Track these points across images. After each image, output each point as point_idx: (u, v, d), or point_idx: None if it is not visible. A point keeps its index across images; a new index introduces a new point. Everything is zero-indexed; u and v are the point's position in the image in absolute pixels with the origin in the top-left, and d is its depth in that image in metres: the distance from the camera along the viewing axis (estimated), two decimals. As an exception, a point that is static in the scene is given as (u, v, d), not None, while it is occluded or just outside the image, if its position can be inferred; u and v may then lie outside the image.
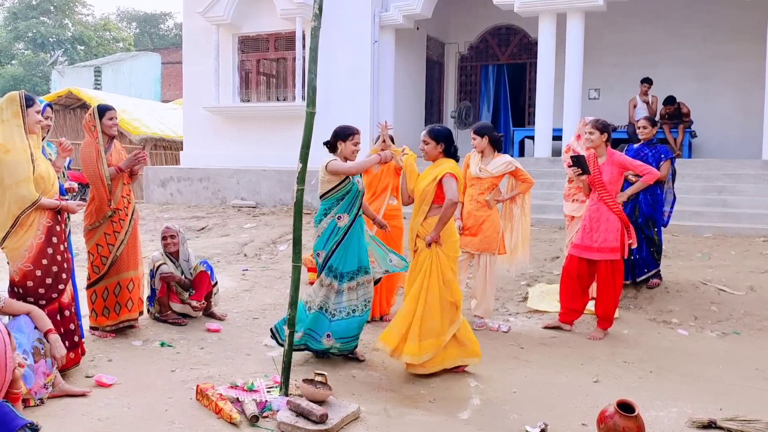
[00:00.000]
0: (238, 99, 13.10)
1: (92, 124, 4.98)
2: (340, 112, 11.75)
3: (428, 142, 4.53)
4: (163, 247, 5.65)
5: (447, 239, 4.43)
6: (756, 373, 4.65)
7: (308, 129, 3.85)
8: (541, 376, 4.50)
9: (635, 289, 6.37)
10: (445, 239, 4.42)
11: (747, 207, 8.95)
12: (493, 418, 3.78)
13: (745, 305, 5.94)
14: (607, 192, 5.37)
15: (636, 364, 4.82)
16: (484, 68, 14.82)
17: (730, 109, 12.35)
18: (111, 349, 4.81)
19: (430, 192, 4.43)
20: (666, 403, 3.99)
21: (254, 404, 3.65)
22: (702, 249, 7.51)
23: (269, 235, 9.29)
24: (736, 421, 3.64)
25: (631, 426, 3.29)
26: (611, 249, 5.33)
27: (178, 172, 13.08)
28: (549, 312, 6.06)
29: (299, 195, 3.91)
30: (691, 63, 12.47)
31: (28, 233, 3.99)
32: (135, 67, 28.05)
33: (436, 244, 4.38)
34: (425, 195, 4.46)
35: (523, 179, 5.63)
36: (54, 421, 3.47)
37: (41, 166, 4.07)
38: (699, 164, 10.45)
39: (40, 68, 34.66)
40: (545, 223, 8.96)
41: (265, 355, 4.77)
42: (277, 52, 12.87)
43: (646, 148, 6.34)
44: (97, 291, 5.03)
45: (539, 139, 11.20)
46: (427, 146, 4.53)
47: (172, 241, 5.64)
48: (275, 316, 5.78)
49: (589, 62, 11.52)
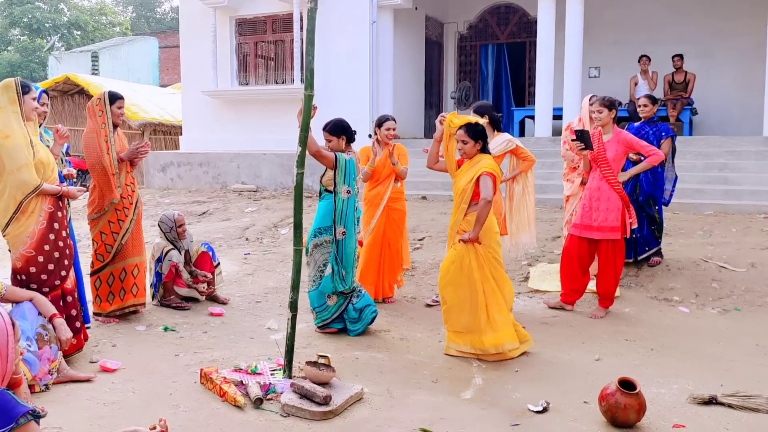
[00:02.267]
0: (236, 82, 13.04)
1: (100, 109, 4.93)
2: (339, 94, 11.71)
3: (467, 142, 4.49)
4: (177, 234, 5.65)
5: (486, 234, 4.45)
6: (756, 349, 4.67)
7: (307, 112, 3.84)
8: (543, 355, 4.53)
9: (636, 268, 6.38)
10: (484, 235, 4.43)
11: (748, 184, 8.93)
12: (495, 397, 3.81)
13: (745, 282, 5.95)
14: (610, 170, 5.35)
15: (637, 341, 4.84)
16: (483, 48, 14.71)
17: (731, 86, 12.28)
18: (115, 334, 4.83)
19: (469, 190, 4.45)
20: (667, 380, 4.02)
21: (258, 387, 3.68)
22: (703, 226, 7.51)
23: (270, 218, 9.30)
24: (737, 396, 3.66)
25: (632, 403, 3.31)
26: (611, 228, 5.33)
27: (178, 156, 13.05)
28: (550, 291, 6.08)
29: (299, 178, 3.90)
30: (692, 40, 12.36)
31: (30, 219, 4.00)
32: (132, 52, 27.86)
33: (476, 242, 4.40)
34: (464, 193, 4.48)
35: (524, 157, 5.62)
36: (59, 407, 3.50)
37: (41, 152, 4.06)
38: (700, 142, 10.41)
39: (37, 54, 34.46)
40: (546, 202, 8.96)
41: (268, 338, 4.79)
42: (275, 35, 12.79)
43: (647, 126, 6.31)
44: (101, 277, 5.04)
45: (540, 119, 11.16)
46: (466, 146, 4.50)
47: (184, 228, 5.72)
48: (278, 300, 5.81)
49: (589, 40, 11.43)
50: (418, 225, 8.01)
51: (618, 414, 3.33)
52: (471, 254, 4.43)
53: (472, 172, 4.46)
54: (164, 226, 5.66)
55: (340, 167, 4.83)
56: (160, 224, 5.69)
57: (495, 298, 4.46)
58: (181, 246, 5.68)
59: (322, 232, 4.92)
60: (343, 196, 4.84)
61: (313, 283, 4.95)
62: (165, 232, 5.65)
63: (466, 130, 4.47)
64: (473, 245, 4.41)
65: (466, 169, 4.54)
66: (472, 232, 4.37)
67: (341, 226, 4.83)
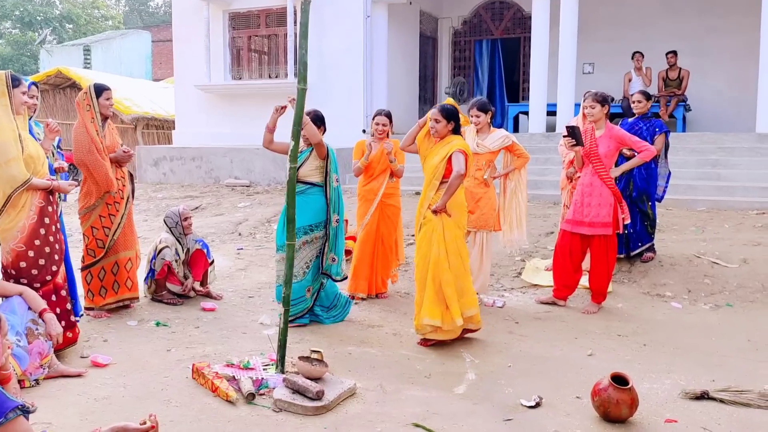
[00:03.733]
0: (229, 77, 12.98)
1: (87, 103, 4.89)
2: (333, 88, 11.69)
3: (439, 121, 4.59)
4: (182, 229, 5.61)
5: (456, 208, 4.57)
6: (748, 345, 4.69)
7: (300, 106, 3.82)
8: (535, 351, 4.53)
9: (629, 263, 6.39)
10: (454, 208, 4.54)
11: (741, 180, 8.97)
12: (488, 392, 3.80)
13: (738, 278, 5.97)
14: (603, 165, 5.36)
15: (630, 337, 4.85)
16: (478, 43, 14.70)
17: (724, 83, 12.32)
18: (106, 329, 4.80)
19: (441, 167, 4.56)
20: (659, 376, 4.03)
21: (250, 382, 3.66)
22: (696, 222, 7.53)
23: (263, 213, 9.27)
24: (729, 391, 3.68)
25: (625, 398, 3.31)
26: (603, 224, 5.33)
27: (170, 151, 13.00)
28: (543, 286, 6.08)
29: (292, 173, 3.88)
30: (686, 37, 12.39)
31: (20, 214, 3.96)
32: (125, 46, 27.70)
33: (445, 213, 4.49)
34: (436, 171, 4.58)
35: (519, 154, 5.62)
36: (50, 402, 3.47)
37: (30, 146, 4.02)
38: (693, 138, 10.44)
39: (29, 47, 34.19)
40: (540, 198, 8.97)
41: (260, 334, 4.77)
42: (268, 29, 12.73)
43: (640, 122, 6.32)
44: (92, 272, 5.01)
45: (534, 115, 11.16)
46: (438, 124, 4.59)
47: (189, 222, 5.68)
48: (270, 295, 5.79)
49: (584, 36, 11.44)
50: (413, 220, 7.93)
51: (611, 409, 3.33)
52: (440, 227, 4.51)
53: (444, 151, 4.57)
54: (170, 221, 5.59)
55: (332, 157, 5.01)
56: (165, 219, 5.63)
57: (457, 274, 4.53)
58: (184, 242, 5.63)
59: (313, 228, 4.95)
60: (334, 184, 5.01)
61: (295, 277, 4.84)
62: (171, 227, 5.57)
63: (439, 110, 4.61)
64: (444, 218, 4.50)
65: (437, 149, 4.65)
66: (440, 201, 4.48)
67: (335, 214, 4.99)
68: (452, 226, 4.54)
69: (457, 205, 4.59)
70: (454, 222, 4.55)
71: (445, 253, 4.48)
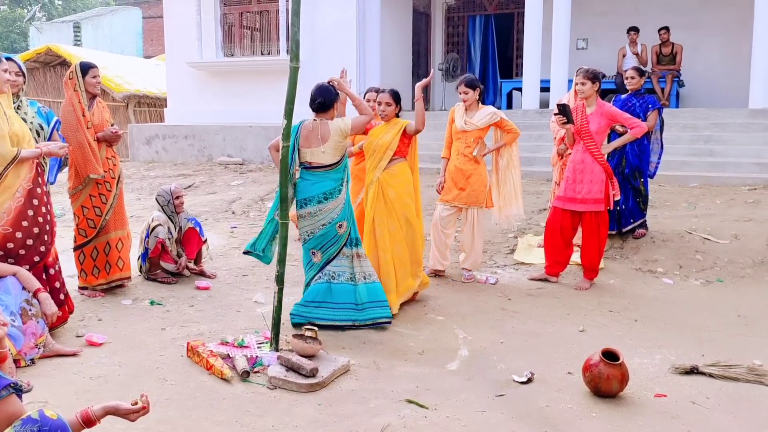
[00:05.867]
0: (221, 54, 12.84)
1: (74, 83, 4.86)
2: (325, 65, 11.54)
3: (390, 104, 4.90)
4: (174, 207, 5.60)
5: (400, 175, 4.83)
6: (738, 320, 4.74)
7: (292, 84, 3.78)
8: (527, 327, 4.57)
9: (621, 239, 6.43)
10: (398, 182, 4.80)
11: (733, 156, 8.98)
12: (481, 368, 3.84)
13: (728, 253, 6.02)
14: (594, 142, 5.36)
15: (621, 313, 4.90)
16: (471, 19, 14.57)
17: (717, 58, 12.26)
18: (101, 308, 4.82)
19: (394, 144, 4.81)
20: (650, 351, 4.07)
21: (245, 360, 3.69)
22: (688, 198, 7.56)
23: (257, 192, 9.25)
24: (718, 366, 3.72)
25: (615, 373, 3.36)
26: (595, 200, 5.35)
27: (162, 129, 12.90)
28: (536, 264, 6.12)
29: (285, 152, 3.87)
30: (680, 11, 12.30)
31: (3, 196, 3.90)
32: (115, 22, 27.32)
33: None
34: (389, 148, 4.81)
35: (508, 130, 5.60)
36: (45, 380, 3.49)
37: (15, 124, 3.96)
38: (686, 114, 10.42)
39: (17, 24, 33.69)
40: (533, 175, 8.97)
41: (254, 312, 4.80)
42: (260, 5, 12.57)
43: (633, 99, 6.31)
44: (85, 251, 5.01)
45: (527, 91, 11.10)
46: (389, 107, 4.90)
47: (181, 200, 5.66)
48: (264, 273, 5.81)
49: (578, 11, 11.34)
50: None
51: (601, 384, 3.37)
52: (381, 203, 4.76)
53: (395, 129, 4.85)
54: (161, 199, 5.58)
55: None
56: (157, 198, 5.63)
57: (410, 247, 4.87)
58: (177, 221, 5.63)
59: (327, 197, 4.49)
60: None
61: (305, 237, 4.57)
62: (162, 206, 5.57)
63: (390, 94, 4.92)
64: (383, 191, 4.76)
65: (385, 129, 4.90)
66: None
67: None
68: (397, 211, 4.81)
69: (402, 178, 4.86)
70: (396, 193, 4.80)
71: (392, 231, 4.81)
